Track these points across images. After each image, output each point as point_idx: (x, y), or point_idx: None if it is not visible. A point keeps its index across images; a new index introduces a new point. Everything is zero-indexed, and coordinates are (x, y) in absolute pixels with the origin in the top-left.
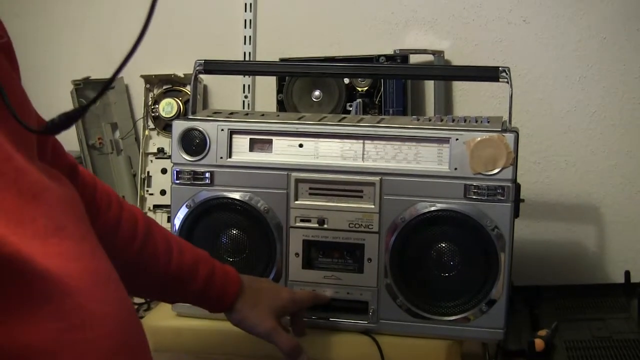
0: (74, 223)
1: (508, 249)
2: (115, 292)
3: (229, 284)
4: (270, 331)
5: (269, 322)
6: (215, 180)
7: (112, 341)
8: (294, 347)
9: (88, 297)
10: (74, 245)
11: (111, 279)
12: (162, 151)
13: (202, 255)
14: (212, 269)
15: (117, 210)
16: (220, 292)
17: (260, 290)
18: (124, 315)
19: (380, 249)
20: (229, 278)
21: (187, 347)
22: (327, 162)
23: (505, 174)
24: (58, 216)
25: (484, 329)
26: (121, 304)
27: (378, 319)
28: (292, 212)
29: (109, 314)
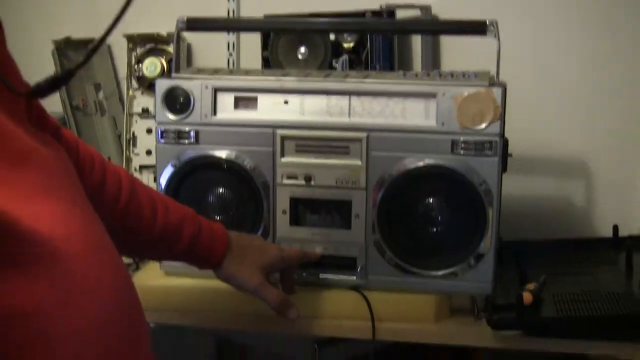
0: (64, 187)
1: (496, 203)
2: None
3: (216, 241)
4: (258, 286)
5: (256, 278)
6: (200, 138)
7: (105, 307)
8: (282, 301)
9: (79, 262)
10: (64, 209)
11: (105, 245)
12: (146, 111)
13: (188, 212)
14: (198, 226)
15: (100, 171)
16: (208, 249)
17: (248, 247)
18: (119, 282)
19: (367, 205)
20: (216, 235)
21: (175, 306)
22: (313, 119)
23: (493, 129)
24: (47, 180)
25: (473, 284)
26: (116, 271)
27: (366, 275)
28: (278, 169)
29: (103, 280)
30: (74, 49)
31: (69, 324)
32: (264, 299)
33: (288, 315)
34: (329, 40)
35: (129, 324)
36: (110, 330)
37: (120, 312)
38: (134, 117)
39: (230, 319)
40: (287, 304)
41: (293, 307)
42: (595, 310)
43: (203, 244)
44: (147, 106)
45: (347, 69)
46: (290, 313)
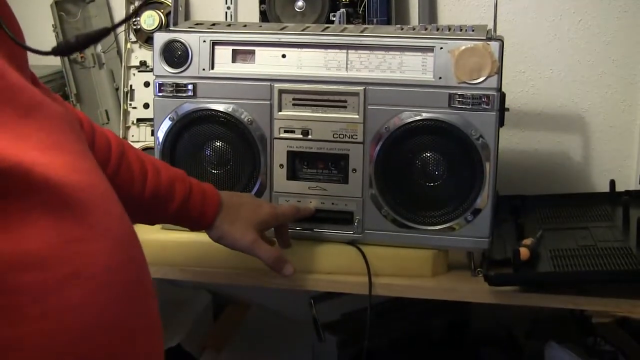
0: (71, 140)
1: (493, 158)
2: (115, 209)
3: (208, 202)
4: (251, 244)
5: (249, 236)
6: (198, 92)
7: (111, 257)
8: (276, 257)
9: (90, 210)
10: (73, 160)
11: (109, 196)
12: (144, 64)
13: (178, 174)
14: (189, 187)
15: (89, 133)
16: (199, 210)
17: (240, 205)
18: (124, 232)
19: (364, 159)
20: (207, 195)
21: (172, 260)
22: (310, 73)
23: (490, 83)
24: (55, 132)
25: (469, 238)
26: (122, 221)
27: (363, 229)
28: (275, 123)
29: (110, 229)
30: (73, 2)
31: (79, 270)
32: (258, 256)
33: (283, 271)
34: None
35: (136, 273)
36: (118, 277)
37: (126, 260)
38: (131, 70)
39: (227, 274)
40: (282, 261)
41: (288, 264)
42: (592, 266)
43: (194, 205)
44: (145, 59)
45: (344, 23)
46: (286, 269)
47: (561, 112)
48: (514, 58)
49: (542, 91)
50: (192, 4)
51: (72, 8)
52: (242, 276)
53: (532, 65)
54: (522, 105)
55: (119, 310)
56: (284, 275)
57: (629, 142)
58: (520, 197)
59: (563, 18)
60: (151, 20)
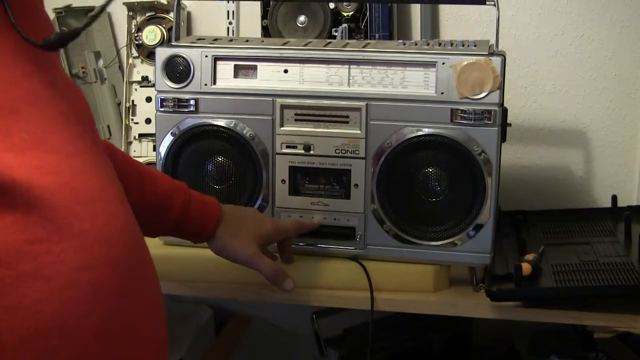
0: (66, 138)
1: (495, 173)
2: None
3: (208, 213)
4: (252, 257)
5: (250, 249)
6: (200, 107)
7: (83, 257)
8: (276, 271)
9: (62, 212)
10: (56, 160)
11: (101, 198)
12: (146, 79)
13: (178, 185)
14: (188, 197)
15: None
16: (199, 221)
17: (242, 219)
18: (112, 233)
19: (366, 174)
20: (208, 207)
21: (173, 275)
22: (312, 88)
23: (492, 98)
24: (43, 130)
25: (471, 254)
26: (111, 221)
27: (365, 245)
28: (277, 138)
29: (89, 230)
30: (75, 17)
31: (38, 270)
32: (259, 270)
33: (284, 285)
34: (329, 9)
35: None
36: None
37: (106, 262)
38: (133, 86)
39: (228, 289)
40: (282, 275)
41: (288, 278)
42: (594, 281)
43: (194, 215)
44: (147, 74)
45: (346, 38)
46: (286, 284)
47: (563, 127)
48: (516, 73)
49: (544, 106)
50: (194, 19)
51: (73, 22)
52: (244, 291)
53: (534, 80)
54: (524, 121)
55: (87, 311)
56: (284, 290)
57: (631, 157)
58: (522, 212)
59: (565, 33)
60: (153, 35)
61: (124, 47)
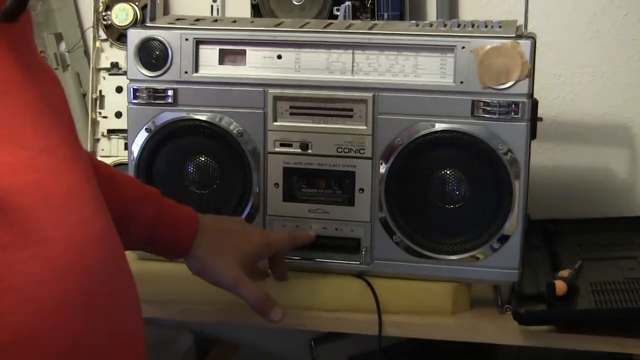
0: (39, 131)
1: (523, 176)
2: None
3: (183, 225)
4: (234, 283)
5: (232, 271)
6: (179, 98)
7: (50, 266)
8: (262, 300)
9: (29, 215)
10: (27, 157)
11: (74, 200)
12: (116, 66)
13: (149, 192)
14: (159, 207)
15: None
16: (172, 235)
17: (224, 232)
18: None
19: (373, 177)
20: (183, 217)
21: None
22: (310, 77)
23: (520, 88)
24: (15, 123)
25: (496, 270)
26: (83, 227)
27: (372, 259)
28: (270, 135)
29: (58, 237)
30: None
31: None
32: (242, 297)
33: (270, 316)
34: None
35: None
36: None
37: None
38: (101, 74)
39: (213, 312)
40: (269, 303)
41: (276, 308)
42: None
43: (166, 229)
44: (117, 60)
45: (350, 18)
46: (273, 314)
47: (603, 122)
48: (548, 59)
49: (581, 98)
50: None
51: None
52: (230, 313)
53: (569, 67)
54: (557, 115)
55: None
56: (270, 322)
57: None
58: (555, 221)
59: (606, 12)
60: (124, 14)
61: (90, 28)
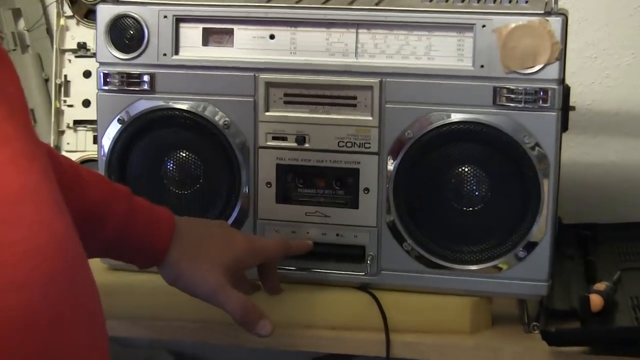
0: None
1: (553, 174)
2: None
3: (157, 228)
4: (214, 290)
5: (213, 279)
6: (156, 85)
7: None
8: (247, 310)
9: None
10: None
11: (32, 199)
12: (83, 47)
13: (118, 190)
14: (130, 207)
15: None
16: (145, 239)
17: (206, 237)
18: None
19: (380, 175)
20: (157, 219)
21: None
22: (307, 60)
23: (550, 73)
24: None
25: (522, 282)
26: (42, 230)
27: (379, 270)
28: (261, 127)
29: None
30: None
31: None
32: (222, 307)
33: (257, 330)
34: None
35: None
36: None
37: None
38: (66, 56)
39: (194, 329)
40: (255, 315)
41: (264, 319)
42: None
43: (138, 231)
44: (85, 40)
45: None
46: (261, 327)
47: None
48: (582, 39)
49: (620, 83)
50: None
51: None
52: (214, 331)
53: (606, 48)
54: (593, 103)
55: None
56: (258, 336)
57: None
58: (591, 226)
59: None
60: None
61: (53, 2)
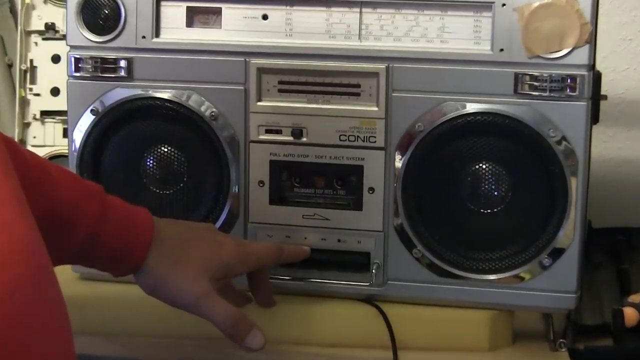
0: None
1: (582, 171)
2: None
3: (134, 231)
4: (199, 298)
5: (197, 286)
6: (134, 71)
7: None
8: (236, 320)
9: None
10: None
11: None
12: (52, 28)
13: (90, 189)
14: (103, 208)
15: None
16: (120, 243)
17: (188, 241)
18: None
19: (387, 173)
20: (135, 221)
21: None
22: (305, 43)
23: (578, 57)
24: None
25: (547, 294)
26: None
27: (385, 280)
28: (253, 118)
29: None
30: None
31: None
32: (208, 317)
33: (247, 342)
34: None
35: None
36: None
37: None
38: (32, 38)
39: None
40: (245, 326)
41: (255, 330)
42: None
43: (112, 234)
44: (53, 21)
45: None
46: (251, 339)
47: None
48: (615, 18)
49: None
50: None
51: None
52: (199, 348)
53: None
54: (626, 91)
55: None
56: (249, 350)
57: None
58: (625, 230)
59: None
60: None
61: None
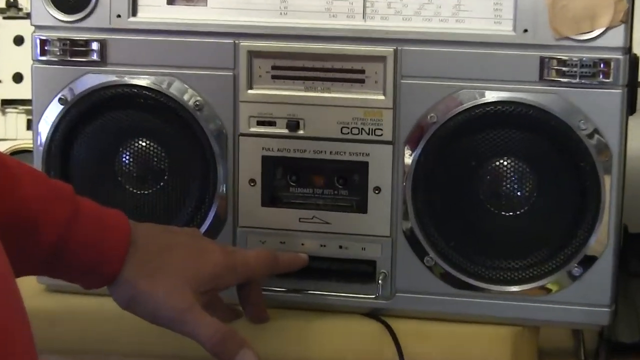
0: None
1: (617, 168)
2: None
3: (108, 237)
4: (181, 312)
5: (179, 298)
6: (108, 55)
7: None
8: (222, 336)
9: None
10: None
11: None
12: (14, 6)
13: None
14: (73, 211)
15: None
16: (92, 251)
17: (169, 247)
18: None
19: (395, 170)
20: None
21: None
22: (302, 22)
23: (613, 39)
24: None
25: (577, 307)
26: None
27: (393, 291)
28: (243, 108)
29: None
30: None
31: None
32: (193, 335)
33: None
34: None
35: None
36: None
37: None
38: None
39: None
40: (235, 343)
41: (245, 349)
42: None
43: (83, 240)
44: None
45: None
46: (242, 358)
47: None
48: None
49: None
50: None
51: None
52: None
53: None
54: None
55: None
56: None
57: None
58: None
59: None
60: None
61: None
